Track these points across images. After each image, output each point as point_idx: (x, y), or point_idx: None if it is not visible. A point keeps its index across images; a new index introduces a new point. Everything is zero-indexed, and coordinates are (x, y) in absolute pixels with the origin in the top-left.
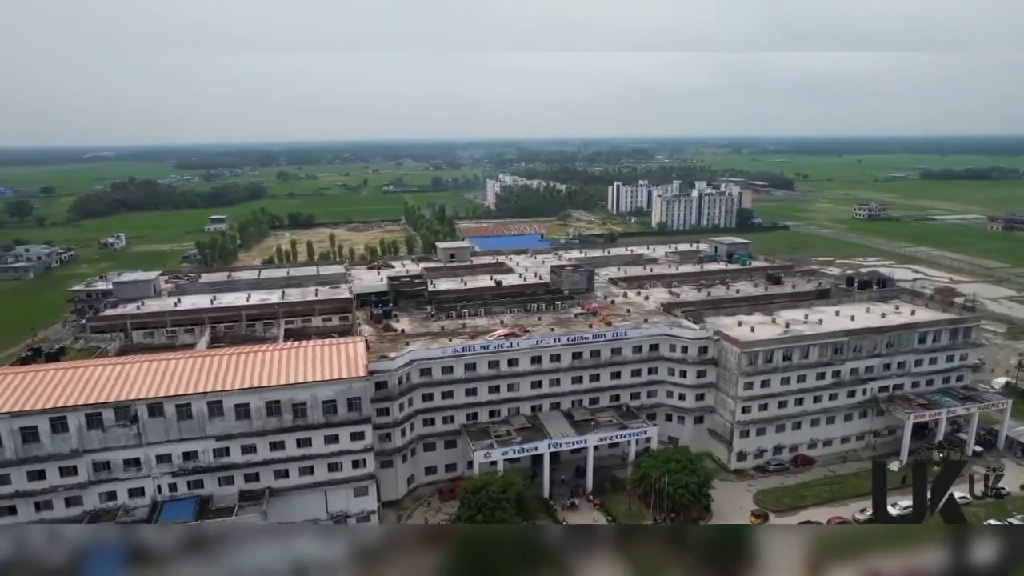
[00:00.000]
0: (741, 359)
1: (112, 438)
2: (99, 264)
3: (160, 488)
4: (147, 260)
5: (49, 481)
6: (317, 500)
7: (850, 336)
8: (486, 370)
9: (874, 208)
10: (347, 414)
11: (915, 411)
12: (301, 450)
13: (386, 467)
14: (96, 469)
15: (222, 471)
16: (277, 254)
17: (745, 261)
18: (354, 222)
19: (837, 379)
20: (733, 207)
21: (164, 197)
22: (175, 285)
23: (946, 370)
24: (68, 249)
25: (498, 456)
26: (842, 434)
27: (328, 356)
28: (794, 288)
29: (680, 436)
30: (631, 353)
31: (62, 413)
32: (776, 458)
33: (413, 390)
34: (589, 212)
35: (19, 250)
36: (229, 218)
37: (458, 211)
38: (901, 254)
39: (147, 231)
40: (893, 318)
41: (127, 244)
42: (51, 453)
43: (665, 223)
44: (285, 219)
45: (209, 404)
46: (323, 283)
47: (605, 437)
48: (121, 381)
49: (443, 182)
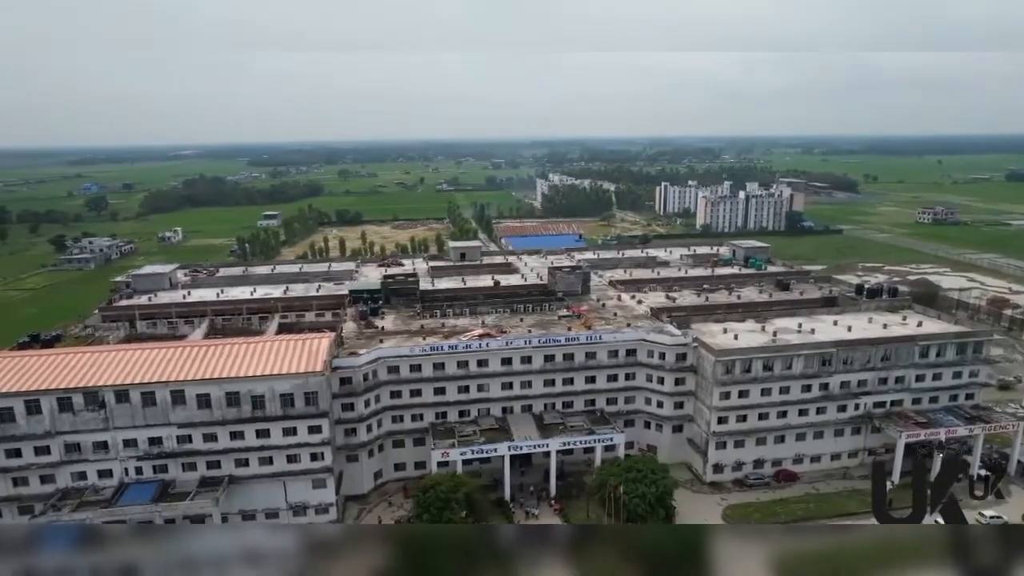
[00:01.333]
0: (716, 367)
1: (82, 421)
2: (154, 257)
3: (127, 471)
4: (199, 253)
5: (25, 459)
6: (277, 490)
7: (839, 347)
8: (455, 370)
9: (939, 211)
10: (304, 408)
11: (909, 429)
12: (260, 440)
13: (352, 461)
14: (67, 450)
15: (185, 457)
16: (311, 250)
17: (760, 266)
18: (400, 220)
19: (825, 392)
20: (782, 209)
21: (227, 194)
22: (192, 278)
23: (953, 387)
24: (128, 242)
25: (456, 456)
26: (832, 450)
27: (290, 351)
28: (801, 295)
29: (658, 444)
30: (606, 357)
31: (36, 396)
32: (756, 472)
33: (380, 387)
34: (636, 213)
35: (84, 242)
36: (280, 214)
37: (502, 210)
38: (960, 261)
39: (205, 226)
40: (895, 329)
41: (183, 238)
42: (26, 433)
43: (710, 225)
44: (333, 216)
45: (172, 393)
46: (329, 279)
47: (568, 442)
48: (93, 368)
49: (496, 181)
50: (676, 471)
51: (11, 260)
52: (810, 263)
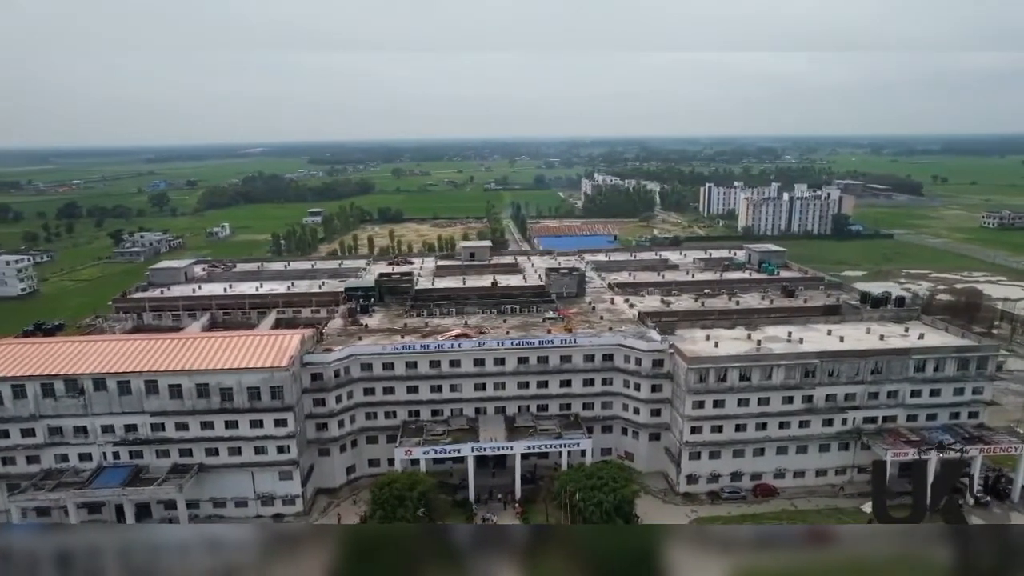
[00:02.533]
0: (689, 375)
1: (63, 407)
2: (200, 251)
3: (105, 455)
4: (242, 248)
5: (12, 440)
6: (245, 480)
7: (822, 359)
8: (427, 369)
9: (1007, 216)
10: (270, 401)
11: (897, 447)
12: (229, 431)
13: (324, 455)
14: (51, 433)
15: (158, 444)
16: (340, 247)
17: (772, 271)
18: (440, 218)
19: (809, 405)
20: (828, 212)
21: (281, 190)
22: (208, 273)
23: (953, 404)
24: (177, 237)
25: (419, 455)
26: (817, 466)
27: (259, 346)
28: (805, 302)
29: (636, 452)
30: (582, 361)
31: (21, 382)
32: (733, 485)
33: (353, 383)
34: (680, 214)
35: (136, 237)
36: (324, 212)
37: (543, 209)
38: (1020, 270)
39: (254, 222)
40: (895, 341)
41: (231, 233)
42: (13, 416)
43: (751, 227)
44: (375, 214)
45: (146, 382)
46: (336, 276)
47: (533, 445)
48: (77, 357)
49: (545, 180)
50: (653, 480)
51: (74, 252)
52: (852, 268)
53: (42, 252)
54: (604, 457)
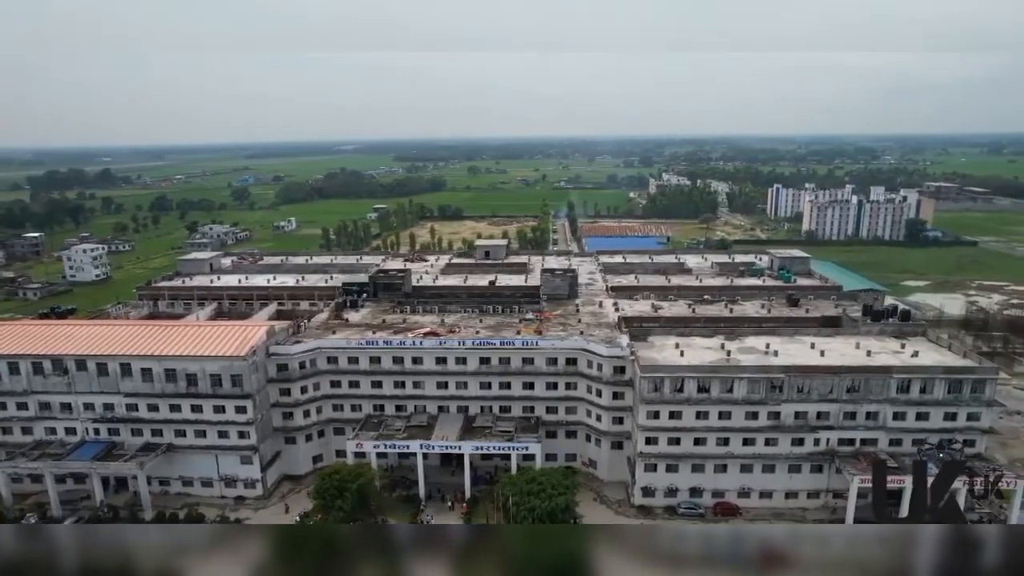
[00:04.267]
0: (643, 384)
1: (51, 384)
2: (264, 243)
3: (87, 430)
4: (302, 242)
5: (9, 412)
6: (211, 462)
7: (790, 373)
8: (391, 365)
9: None
10: (231, 388)
11: (866, 472)
12: (195, 415)
13: (290, 443)
14: (41, 408)
15: (133, 423)
16: (384, 244)
17: (788, 278)
18: (498, 216)
19: (776, 422)
20: (902, 217)
21: (355, 186)
22: (236, 265)
23: (944, 431)
24: (244, 230)
25: (369, 448)
26: (786, 487)
27: (226, 336)
28: (807, 313)
29: (598, 460)
30: (544, 365)
31: (16, 359)
32: (691, 501)
33: (319, 375)
34: (746, 216)
35: (205, 228)
36: (386, 208)
37: (601, 209)
38: None
39: (322, 216)
40: (883, 358)
41: (296, 227)
42: (9, 390)
43: (815, 231)
44: (436, 211)
45: (121, 365)
46: (351, 271)
47: (481, 446)
48: (65, 339)
49: (617, 179)
50: (614, 490)
51: (154, 242)
52: (915, 278)
53: (124, 242)
54: (568, 463)
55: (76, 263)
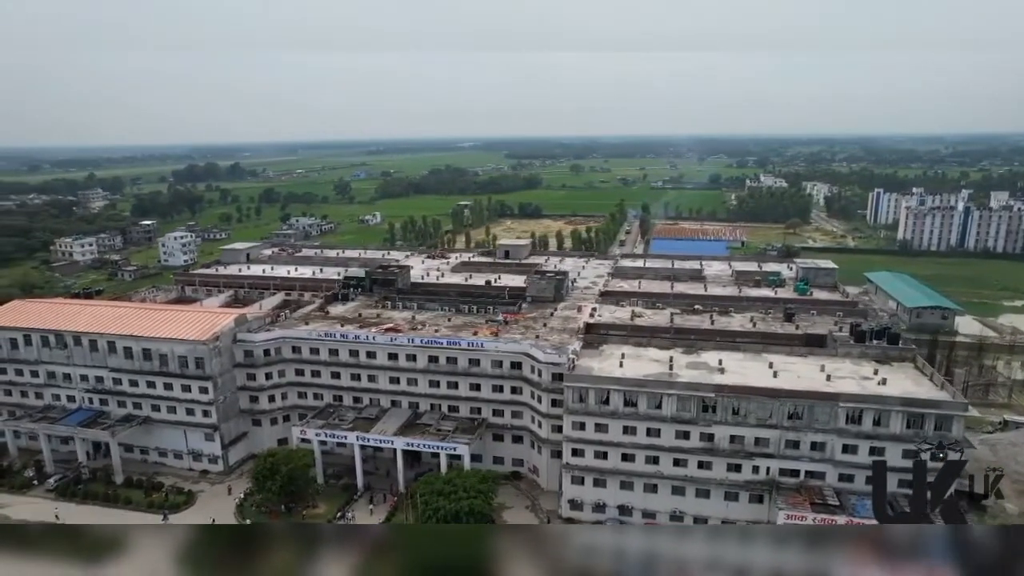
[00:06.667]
0: (568, 394)
1: (55, 356)
2: (343, 236)
3: (84, 399)
4: (380, 235)
5: (25, 379)
6: (180, 436)
7: (721, 393)
8: (347, 357)
9: None
10: (195, 370)
11: (795, 508)
12: (167, 392)
13: (256, 425)
14: (48, 376)
15: (118, 395)
16: (441, 242)
17: (804, 291)
18: (578, 215)
19: (710, 444)
20: (1019, 227)
21: (453, 183)
22: (273, 255)
23: (904, 470)
24: (330, 222)
25: (312, 436)
26: (723, 515)
27: (197, 321)
28: (796, 329)
29: (540, 467)
30: (490, 367)
31: (28, 332)
32: (620, 519)
33: (283, 363)
34: (844, 221)
35: (292, 220)
36: (469, 204)
37: (686, 210)
38: None
39: (410, 211)
40: (840, 384)
41: (380, 221)
42: (24, 359)
43: (910, 241)
44: (516, 209)
45: (107, 342)
46: (372, 265)
47: (412, 443)
48: (70, 316)
49: (720, 179)
50: (550, 500)
51: (250, 231)
52: (1015, 297)
53: (222, 230)
54: (515, 468)
55: (169, 249)
